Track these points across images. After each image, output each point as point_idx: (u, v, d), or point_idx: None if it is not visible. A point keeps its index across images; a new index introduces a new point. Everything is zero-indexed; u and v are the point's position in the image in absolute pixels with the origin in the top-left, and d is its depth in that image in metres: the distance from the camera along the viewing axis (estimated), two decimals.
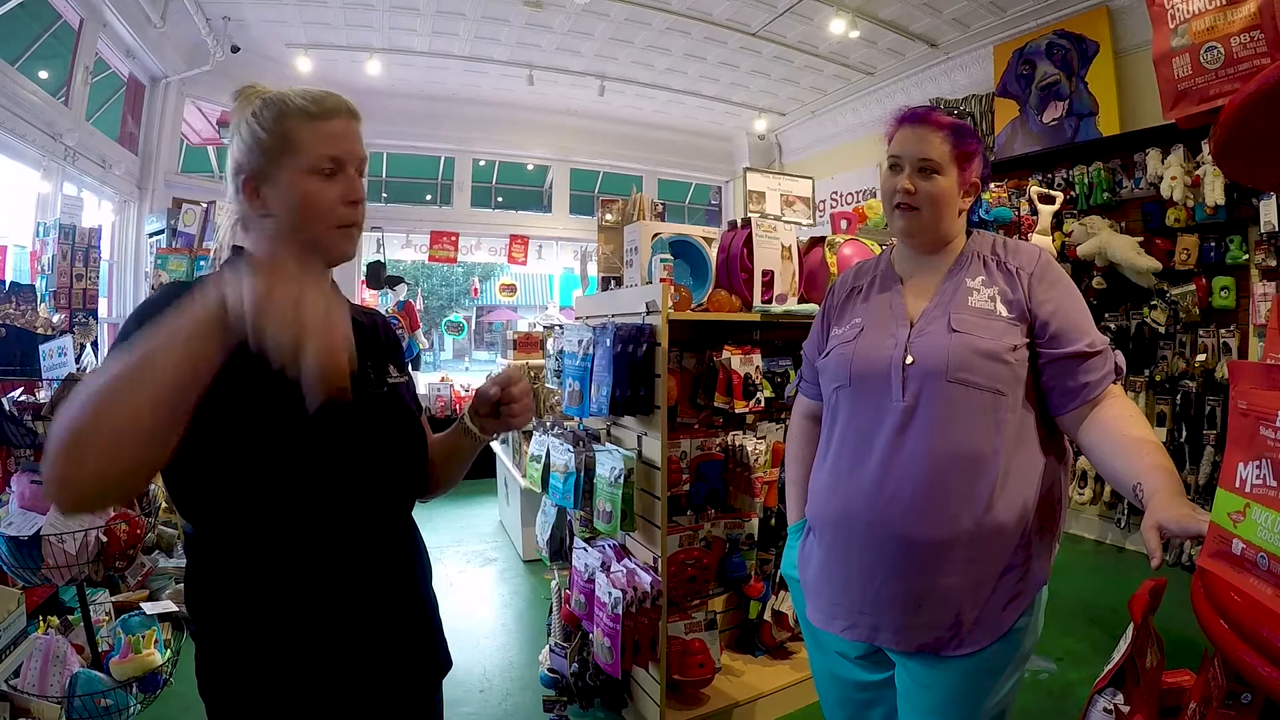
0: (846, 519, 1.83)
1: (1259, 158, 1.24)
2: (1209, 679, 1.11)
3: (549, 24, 8.40)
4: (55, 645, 3.05)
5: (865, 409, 1.84)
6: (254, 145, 1.35)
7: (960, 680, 1.76)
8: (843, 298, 2.08)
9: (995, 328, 1.75)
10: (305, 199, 1.35)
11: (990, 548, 1.71)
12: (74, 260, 5.61)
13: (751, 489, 3.53)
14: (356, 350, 1.46)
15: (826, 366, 1.98)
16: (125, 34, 7.15)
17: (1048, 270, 1.84)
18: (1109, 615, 4.50)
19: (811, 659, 2.13)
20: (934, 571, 1.71)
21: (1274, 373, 0.97)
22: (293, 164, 1.35)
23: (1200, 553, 1.07)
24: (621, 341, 3.20)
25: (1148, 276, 6.15)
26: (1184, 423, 6.00)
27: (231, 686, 1.34)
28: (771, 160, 12.59)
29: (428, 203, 11.84)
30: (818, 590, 1.95)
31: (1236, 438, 1.02)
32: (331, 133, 1.38)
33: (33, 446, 3.07)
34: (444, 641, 1.69)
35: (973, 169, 1.88)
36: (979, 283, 1.83)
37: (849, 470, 1.85)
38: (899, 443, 1.75)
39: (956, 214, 1.90)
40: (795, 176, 4.23)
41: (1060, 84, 7.54)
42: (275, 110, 1.36)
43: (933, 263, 1.93)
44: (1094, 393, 1.72)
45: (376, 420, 1.44)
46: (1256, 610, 0.91)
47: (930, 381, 1.73)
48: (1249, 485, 0.97)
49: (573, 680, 3.63)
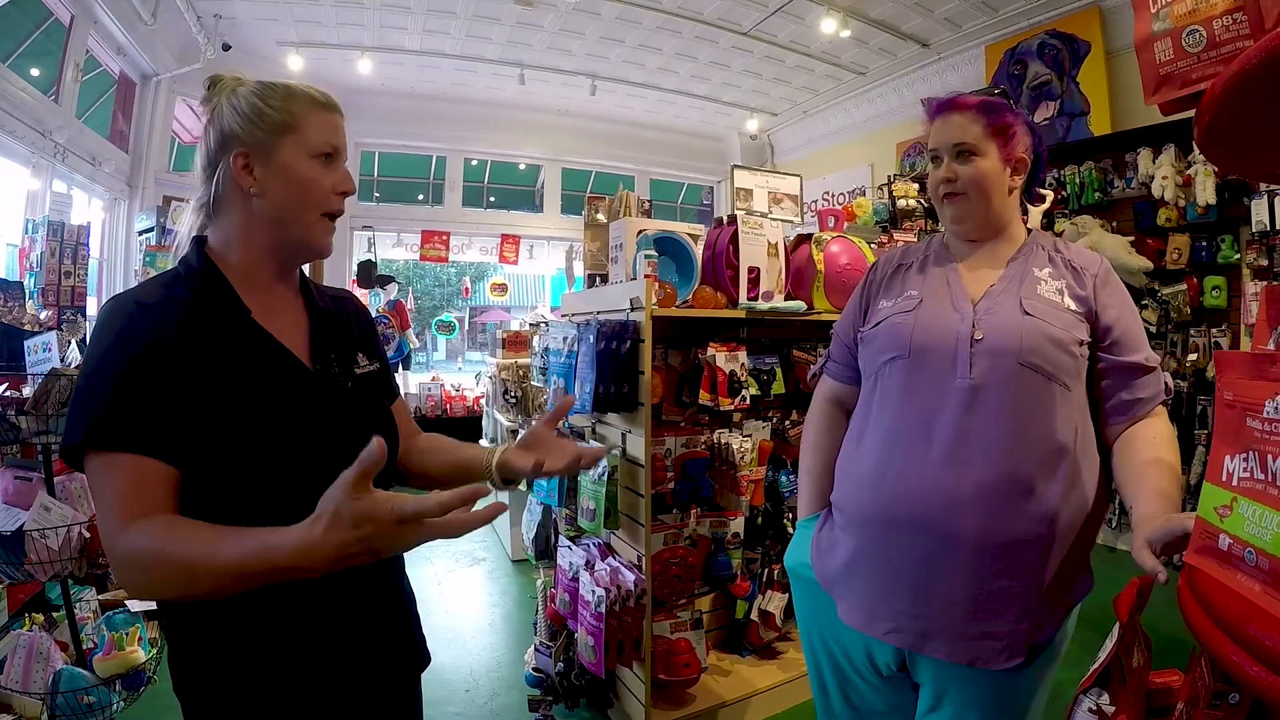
0: (899, 511, 1.70)
1: (1243, 144, 1.23)
2: (1196, 679, 1.09)
3: (540, 23, 8.43)
4: (39, 642, 3.05)
5: (924, 386, 1.73)
6: (257, 120, 1.34)
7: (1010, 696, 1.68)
8: (888, 273, 1.99)
9: (1065, 319, 1.69)
10: (304, 179, 1.36)
11: (1059, 549, 1.63)
12: (63, 257, 5.58)
13: (737, 487, 3.50)
14: (321, 340, 1.46)
15: (876, 337, 1.87)
16: (116, 31, 7.16)
17: (1110, 276, 1.80)
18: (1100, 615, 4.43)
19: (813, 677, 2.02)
20: (998, 574, 1.61)
21: (1261, 362, 0.95)
22: (295, 143, 1.35)
23: (1186, 549, 1.05)
24: (604, 338, 3.18)
25: (1139, 276, 6.15)
26: (1175, 423, 5.99)
27: (205, 682, 1.32)
28: (763, 160, 12.63)
29: (419, 202, 11.88)
30: (853, 589, 1.80)
31: (1223, 430, 1.00)
32: (333, 124, 1.41)
33: (16, 442, 3.05)
34: (422, 636, 1.66)
35: (1016, 144, 1.81)
36: (1046, 274, 1.78)
37: (904, 456, 1.71)
38: (965, 426, 1.64)
39: (1006, 194, 1.83)
40: (783, 174, 4.23)
41: (1052, 84, 7.57)
42: (283, 91, 1.37)
43: (990, 248, 1.87)
44: (1144, 409, 1.69)
45: (340, 414, 1.41)
46: (1244, 607, 0.89)
47: (1001, 361, 1.65)
48: (1236, 478, 0.95)
49: (558, 680, 3.61)
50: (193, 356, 1.24)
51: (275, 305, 1.42)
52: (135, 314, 1.25)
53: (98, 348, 1.24)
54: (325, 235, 1.42)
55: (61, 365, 3.06)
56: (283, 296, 1.46)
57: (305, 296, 1.52)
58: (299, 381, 1.37)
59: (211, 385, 1.23)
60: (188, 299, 1.30)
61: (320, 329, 1.48)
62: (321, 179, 1.37)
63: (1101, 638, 1.25)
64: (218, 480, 1.24)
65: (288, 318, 1.44)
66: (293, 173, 1.34)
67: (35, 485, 3.06)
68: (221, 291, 1.35)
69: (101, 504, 1.17)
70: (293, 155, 1.34)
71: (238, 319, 1.34)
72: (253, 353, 1.32)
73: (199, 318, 1.29)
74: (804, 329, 3.83)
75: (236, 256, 1.39)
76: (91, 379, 1.22)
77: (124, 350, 1.22)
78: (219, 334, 1.29)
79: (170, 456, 1.20)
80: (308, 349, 1.43)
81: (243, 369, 1.29)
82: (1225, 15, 1.18)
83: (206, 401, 1.22)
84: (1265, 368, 0.94)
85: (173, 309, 1.27)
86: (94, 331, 1.27)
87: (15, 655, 3.01)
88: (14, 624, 3.32)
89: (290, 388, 1.35)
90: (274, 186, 1.35)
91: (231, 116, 1.34)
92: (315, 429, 1.34)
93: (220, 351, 1.27)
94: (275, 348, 1.36)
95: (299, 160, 1.35)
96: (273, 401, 1.30)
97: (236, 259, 1.39)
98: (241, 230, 1.38)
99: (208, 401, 1.22)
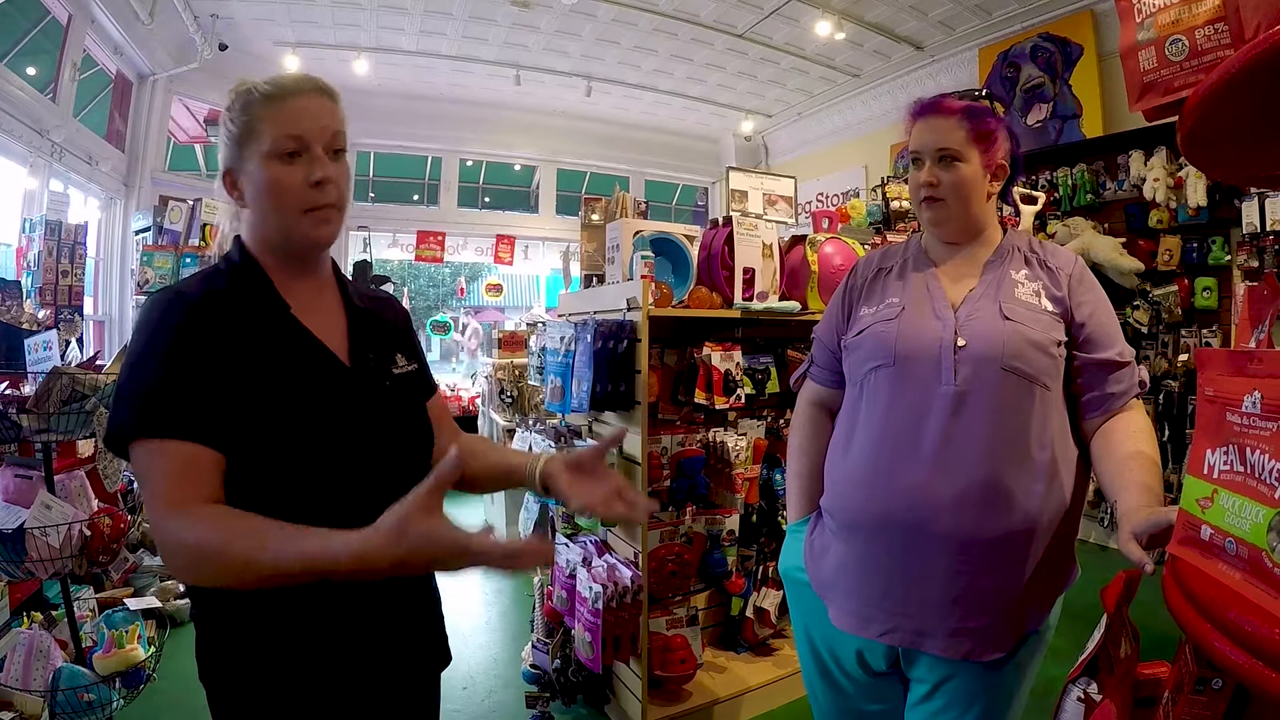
0: (888, 515, 1.73)
1: (1225, 150, 1.26)
2: (1181, 666, 1.11)
3: (536, 24, 8.42)
4: (39, 640, 3.05)
5: (910, 393, 1.75)
6: (227, 139, 1.36)
7: (1000, 683, 1.72)
8: (869, 277, 2.00)
9: (1043, 320, 1.73)
10: (268, 184, 1.33)
11: (1042, 544, 1.67)
12: (60, 257, 5.58)
13: (732, 485, 3.54)
14: (360, 339, 1.47)
15: (860, 345, 1.89)
16: (113, 31, 7.14)
17: (1085, 274, 1.83)
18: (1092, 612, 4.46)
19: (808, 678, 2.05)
20: (986, 571, 1.65)
21: (1239, 359, 0.98)
22: (255, 150, 1.33)
23: (1170, 539, 1.08)
24: (602, 338, 3.21)
25: (1130, 277, 6.18)
26: (1167, 422, 6.04)
27: (233, 669, 1.33)
28: (758, 162, 12.61)
29: (414, 202, 11.84)
30: (847, 592, 1.83)
31: (1204, 425, 1.02)
32: (293, 111, 1.34)
33: (17, 440, 3.06)
34: (445, 633, 1.67)
35: (996, 150, 1.83)
36: (1023, 276, 1.80)
37: (892, 461, 1.74)
38: (951, 431, 1.68)
39: (985, 199, 1.85)
40: (778, 176, 4.24)
41: (1044, 86, 7.60)
42: (242, 100, 1.35)
43: (968, 251, 1.89)
44: (1117, 404, 1.73)
45: (378, 415, 1.42)
46: (1225, 595, 0.91)
47: (984, 367, 1.68)
48: (1216, 471, 0.97)
49: (555, 676, 3.63)
50: (234, 348, 1.26)
51: (314, 303, 1.44)
52: (179, 306, 1.28)
53: (143, 339, 1.26)
54: (314, 229, 1.38)
55: (62, 364, 3.07)
56: (321, 295, 1.48)
57: (345, 297, 1.53)
58: (337, 378, 1.38)
59: (251, 377, 1.24)
60: (229, 293, 1.33)
61: (359, 328, 1.49)
62: (286, 178, 1.33)
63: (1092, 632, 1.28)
64: (254, 473, 1.25)
65: (327, 316, 1.45)
66: (258, 180, 1.34)
67: (35, 484, 3.06)
68: (262, 287, 1.37)
69: (150, 489, 1.18)
70: (256, 163, 1.34)
71: (277, 314, 1.36)
72: (292, 347, 1.34)
73: (240, 311, 1.31)
74: (798, 329, 3.83)
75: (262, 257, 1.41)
76: (138, 368, 1.24)
77: (170, 339, 1.24)
78: (259, 328, 1.32)
79: (217, 443, 1.21)
80: (346, 347, 1.44)
81: (282, 363, 1.31)
82: (1207, 25, 1.21)
83: (246, 393, 1.24)
84: (1244, 364, 0.96)
85: (214, 302, 1.30)
86: (138, 324, 1.29)
87: (15, 653, 3.02)
88: (13, 623, 3.33)
89: (328, 384, 1.36)
90: (251, 197, 1.37)
91: (219, 138, 1.38)
92: (351, 425, 1.35)
93: (260, 345, 1.29)
94: (314, 344, 1.38)
95: (261, 165, 1.33)
96: (310, 396, 1.32)
97: (263, 259, 1.41)
98: (253, 237, 1.42)
99: (247, 393, 1.24)
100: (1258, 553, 0.87)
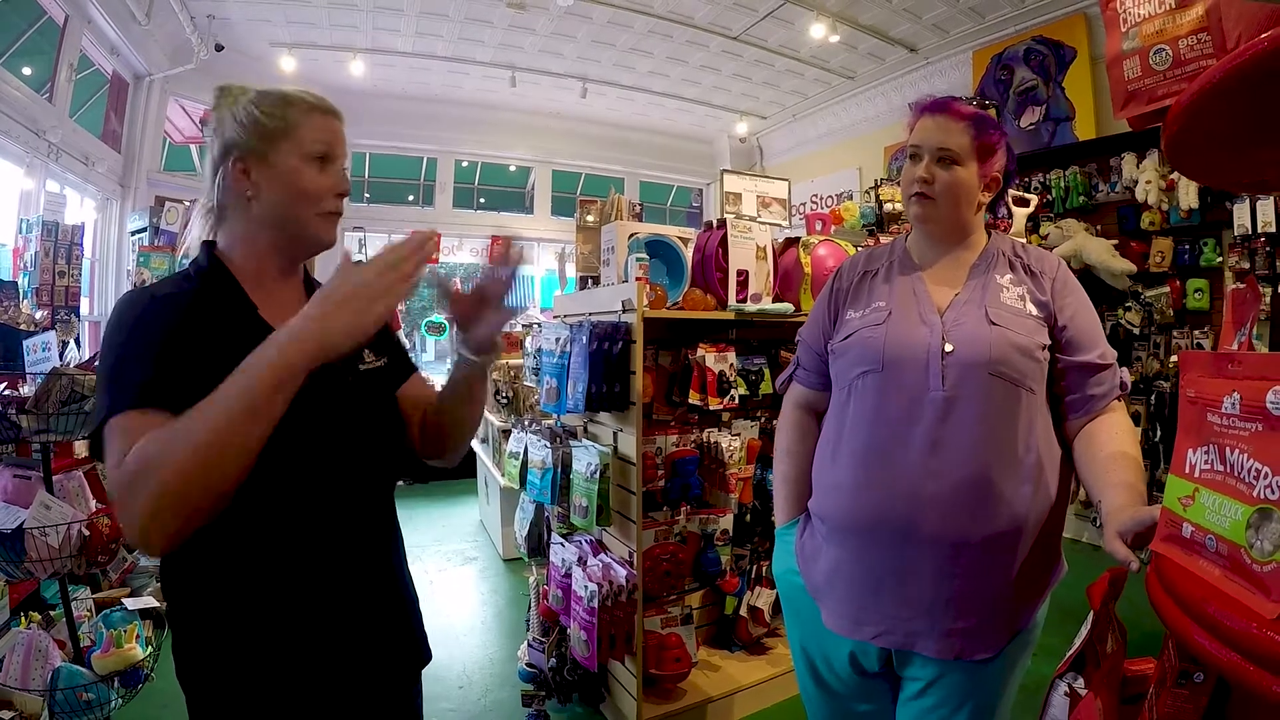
0: (880, 520, 1.74)
1: (1208, 157, 1.28)
2: (1164, 660, 1.13)
3: (532, 26, 8.43)
4: (37, 639, 3.04)
5: (898, 398, 1.76)
6: (252, 127, 1.38)
7: (990, 680, 1.74)
8: (854, 280, 2.01)
9: (1028, 325, 1.74)
10: (297, 180, 1.40)
11: (1030, 544, 1.70)
12: (56, 257, 5.60)
13: (726, 485, 3.56)
14: None
15: (848, 349, 1.89)
16: (110, 31, 7.13)
17: (1068, 278, 1.85)
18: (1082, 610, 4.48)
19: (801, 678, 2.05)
20: (977, 573, 1.67)
21: (1220, 361, 1.00)
22: (290, 148, 1.39)
23: (1153, 537, 1.10)
24: (597, 339, 3.23)
25: (1122, 279, 6.22)
26: (1158, 423, 6.06)
27: (208, 671, 1.35)
28: (753, 163, 12.63)
29: (410, 203, 11.81)
30: (839, 596, 1.84)
31: (1186, 425, 1.04)
32: (330, 126, 1.45)
33: (16, 441, 3.06)
34: (423, 631, 1.70)
35: (994, 163, 1.84)
36: (1008, 280, 1.82)
37: (881, 465, 1.75)
38: (939, 436, 1.69)
39: (975, 207, 1.86)
40: (772, 178, 4.26)
41: (1038, 89, 7.63)
42: (279, 97, 1.41)
43: (954, 254, 1.90)
44: (1099, 405, 1.75)
45: (337, 410, 1.44)
46: (1205, 590, 0.92)
47: (971, 372, 1.70)
48: (1198, 470, 0.99)
49: (551, 675, 3.64)
50: (199, 341, 1.28)
51: (281, 303, 1.45)
52: (151, 302, 1.31)
53: (121, 329, 1.28)
54: (324, 230, 1.46)
55: (62, 364, 3.08)
56: (289, 295, 1.50)
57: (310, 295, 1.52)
58: None
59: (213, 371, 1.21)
60: (198, 294, 1.36)
61: None
62: (316, 180, 1.41)
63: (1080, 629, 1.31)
64: None
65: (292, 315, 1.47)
66: (287, 175, 1.39)
67: (34, 484, 3.06)
68: (229, 289, 1.40)
69: (111, 460, 1.17)
70: (287, 158, 1.39)
71: (244, 315, 1.38)
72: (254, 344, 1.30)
73: (208, 311, 1.33)
74: (792, 331, 3.79)
75: (242, 257, 1.44)
76: (108, 360, 1.26)
77: (150, 326, 1.27)
78: (226, 327, 1.33)
79: None
80: None
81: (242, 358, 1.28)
82: (1190, 35, 1.24)
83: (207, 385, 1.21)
84: (1224, 366, 0.98)
85: (184, 301, 1.33)
86: (113, 319, 1.31)
87: (14, 653, 3.01)
88: (11, 623, 3.34)
89: None
90: (270, 189, 1.39)
91: (232, 125, 1.39)
92: (311, 421, 1.35)
93: (224, 341, 1.29)
94: None
95: (293, 163, 1.39)
96: None
97: (242, 260, 1.44)
98: (245, 232, 1.44)
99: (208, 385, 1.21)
100: (1237, 549, 0.89)
